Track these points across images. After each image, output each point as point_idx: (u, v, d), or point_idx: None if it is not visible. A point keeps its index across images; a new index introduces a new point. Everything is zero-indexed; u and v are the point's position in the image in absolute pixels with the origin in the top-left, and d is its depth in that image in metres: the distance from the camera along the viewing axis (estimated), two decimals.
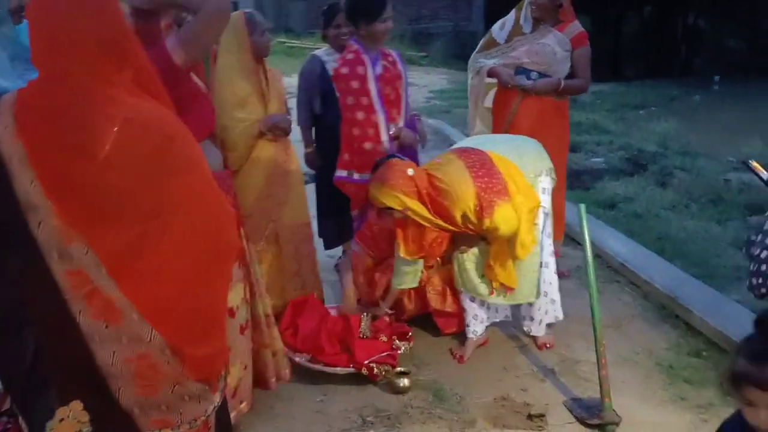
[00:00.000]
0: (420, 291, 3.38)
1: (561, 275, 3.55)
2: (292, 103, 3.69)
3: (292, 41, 17.04)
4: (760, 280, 1.13)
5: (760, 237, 1.20)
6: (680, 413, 2.79)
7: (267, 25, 3.17)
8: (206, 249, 1.49)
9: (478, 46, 4.07)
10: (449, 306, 3.35)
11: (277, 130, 3.20)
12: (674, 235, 4.72)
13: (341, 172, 3.42)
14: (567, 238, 4.33)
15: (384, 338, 3.14)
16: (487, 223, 2.85)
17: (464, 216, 2.89)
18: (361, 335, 3.11)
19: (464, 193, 2.85)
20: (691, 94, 14.59)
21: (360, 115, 3.34)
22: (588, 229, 2.89)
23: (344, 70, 3.38)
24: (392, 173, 2.89)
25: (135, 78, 1.43)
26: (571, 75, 3.87)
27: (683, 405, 2.84)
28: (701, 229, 4.89)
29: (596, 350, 2.81)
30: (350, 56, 3.40)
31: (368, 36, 3.35)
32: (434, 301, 3.36)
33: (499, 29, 3.97)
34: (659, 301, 3.74)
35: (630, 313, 3.68)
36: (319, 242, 3.71)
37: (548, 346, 3.34)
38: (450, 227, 2.98)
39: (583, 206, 2.95)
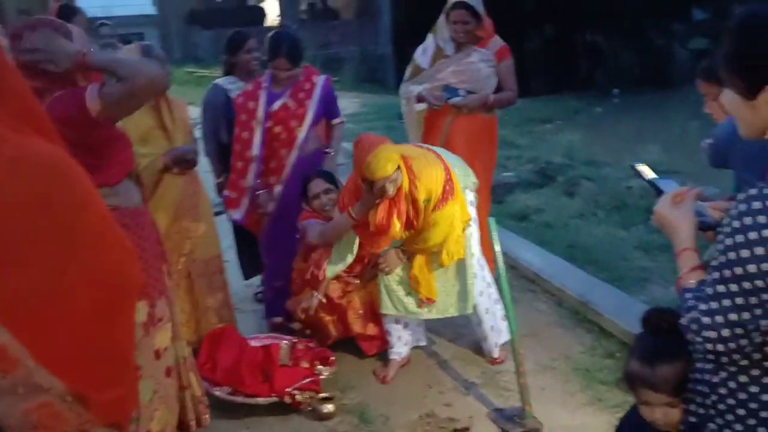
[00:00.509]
0: (342, 316, 3.36)
1: None
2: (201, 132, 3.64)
3: (201, 71, 16.83)
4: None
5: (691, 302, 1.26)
6: (597, 414, 2.88)
7: (164, 57, 3.11)
8: (106, 289, 1.43)
9: (406, 75, 4.03)
10: (371, 330, 3.36)
11: (183, 163, 3.14)
12: (583, 242, 4.90)
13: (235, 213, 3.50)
14: None
15: (305, 364, 3.11)
16: (437, 214, 2.91)
17: (427, 201, 2.90)
18: (281, 363, 3.06)
19: (437, 177, 2.91)
20: (593, 106, 15.25)
21: (237, 147, 3.40)
22: (499, 242, 2.96)
23: (239, 100, 3.44)
24: (376, 139, 2.89)
25: (18, 114, 1.36)
26: (498, 89, 3.88)
27: (600, 406, 2.93)
28: (608, 234, 5.09)
29: (515, 359, 2.88)
30: (250, 88, 3.44)
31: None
32: (356, 325, 3.35)
33: (421, 54, 3.93)
34: (573, 307, 3.86)
35: (546, 321, 3.78)
36: (233, 273, 3.63)
37: (499, 361, 3.35)
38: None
39: (492, 219, 3.02)
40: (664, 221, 1.40)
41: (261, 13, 23.56)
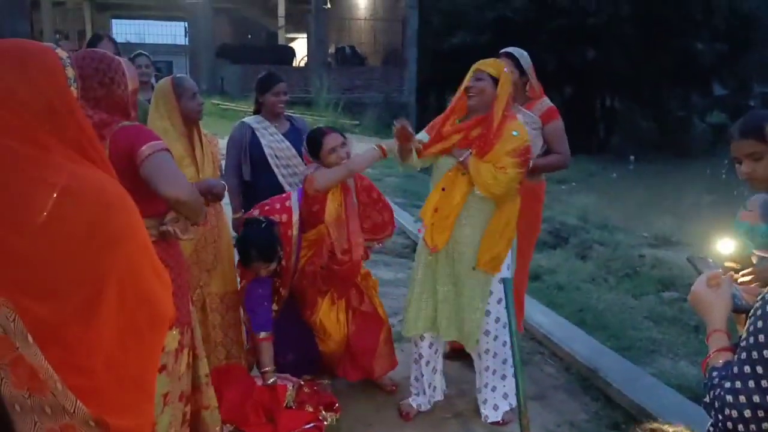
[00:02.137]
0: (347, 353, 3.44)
1: None
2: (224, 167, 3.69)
3: (227, 103, 17.11)
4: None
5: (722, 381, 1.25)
6: None
7: (196, 89, 3.16)
8: (139, 320, 1.46)
9: None
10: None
11: (211, 195, 3.18)
12: (594, 306, 4.90)
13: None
14: None
15: (310, 408, 3.10)
16: (506, 161, 3.06)
17: (515, 133, 3.10)
18: (286, 405, 3.06)
19: (526, 136, 3.15)
20: (609, 171, 15.33)
21: None
22: (512, 304, 2.98)
23: None
24: None
25: (75, 145, 1.42)
26: (547, 152, 3.73)
27: None
28: (618, 301, 5.09)
29: (520, 422, 2.86)
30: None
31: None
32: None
33: None
34: (580, 372, 3.85)
35: (553, 385, 3.77)
36: None
37: (502, 422, 3.31)
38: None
39: (508, 281, 3.04)
40: (700, 301, 1.44)
41: (290, 53, 23.97)
